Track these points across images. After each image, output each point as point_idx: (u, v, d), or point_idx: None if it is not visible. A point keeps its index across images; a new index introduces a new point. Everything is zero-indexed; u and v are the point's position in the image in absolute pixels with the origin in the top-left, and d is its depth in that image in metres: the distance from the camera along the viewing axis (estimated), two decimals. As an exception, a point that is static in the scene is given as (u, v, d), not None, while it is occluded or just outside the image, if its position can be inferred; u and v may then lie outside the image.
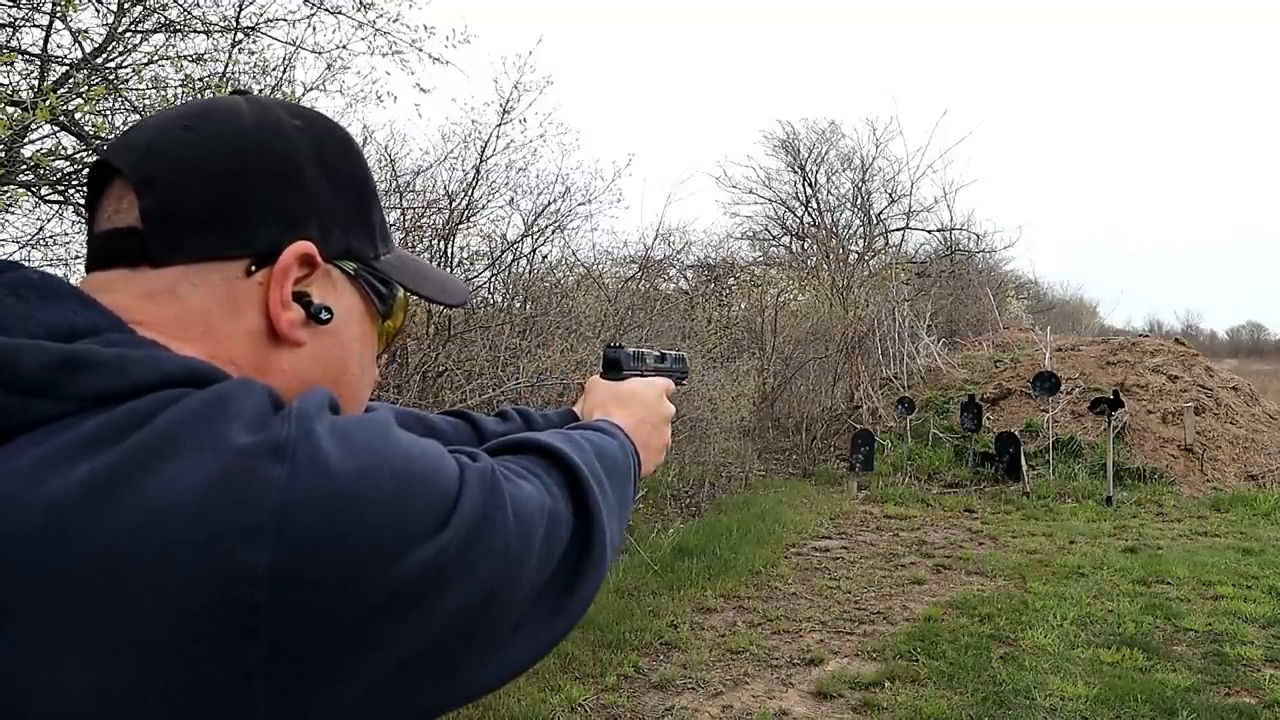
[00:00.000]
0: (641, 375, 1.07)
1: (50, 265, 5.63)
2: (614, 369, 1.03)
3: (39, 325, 0.56)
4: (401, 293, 0.73)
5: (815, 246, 19.32)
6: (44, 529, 0.48)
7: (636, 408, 1.00)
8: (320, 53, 6.07)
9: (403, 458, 0.56)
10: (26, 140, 4.71)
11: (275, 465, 0.51)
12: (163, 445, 0.50)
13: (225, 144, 0.64)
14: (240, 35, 5.48)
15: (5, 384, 0.51)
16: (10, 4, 4.64)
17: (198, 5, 5.22)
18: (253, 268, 0.63)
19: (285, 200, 0.64)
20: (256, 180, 0.63)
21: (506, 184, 8.41)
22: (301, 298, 0.64)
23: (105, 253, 0.63)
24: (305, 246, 0.64)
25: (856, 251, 20.14)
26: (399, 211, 7.61)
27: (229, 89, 5.39)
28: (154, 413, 0.52)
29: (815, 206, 21.56)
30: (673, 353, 1.14)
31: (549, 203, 8.68)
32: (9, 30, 4.67)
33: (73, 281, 0.62)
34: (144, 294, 0.61)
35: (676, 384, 1.15)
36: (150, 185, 0.62)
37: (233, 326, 0.62)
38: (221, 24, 5.38)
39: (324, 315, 0.65)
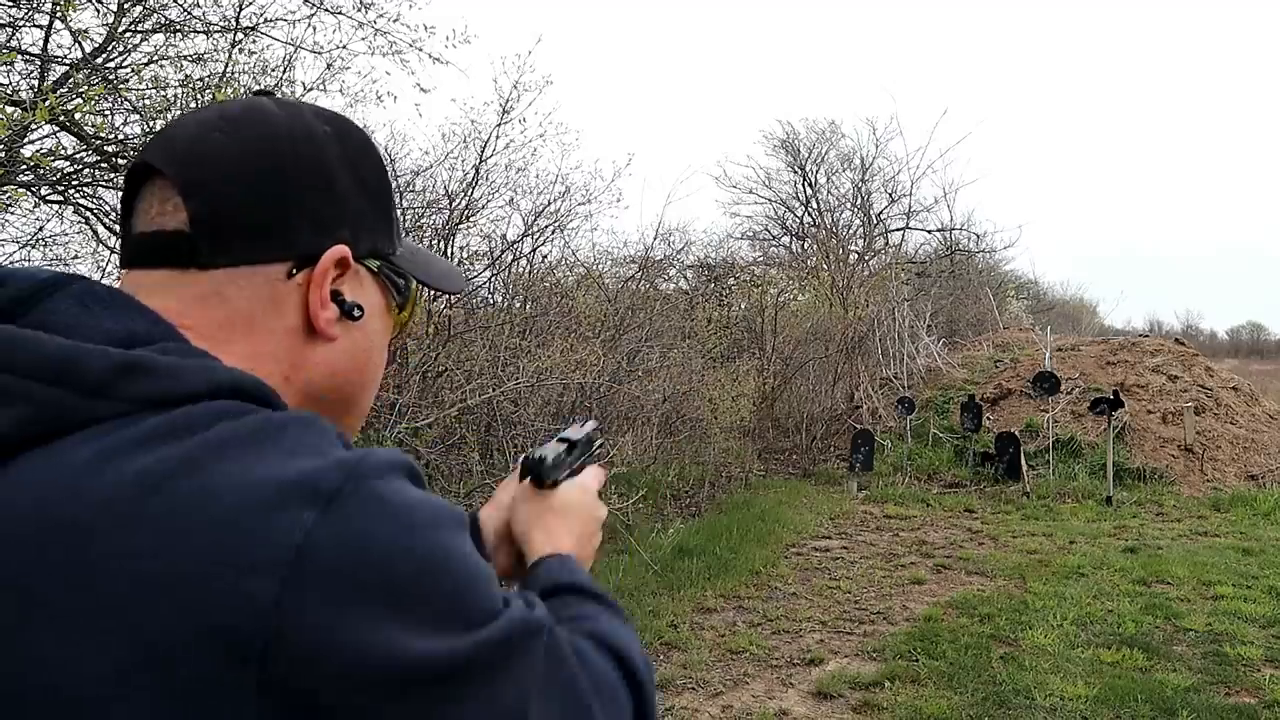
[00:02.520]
0: (570, 473, 0.96)
1: (50, 265, 5.63)
2: (542, 481, 0.90)
3: (103, 332, 0.60)
4: (414, 284, 0.77)
5: (815, 246, 19.32)
6: (95, 518, 0.52)
7: (576, 523, 0.88)
8: (320, 53, 6.08)
9: (442, 551, 0.57)
10: (26, 140, 4.70)
11: (309, 508, 0.53)
12: (209, 459, 0.54)
13: (264, 150, 0.67)
14: (240, 35, 5.48)
15: (71, 384, 0.55)
16: (10, 4, 4.63)
17: (198, 5, 5.22)
18: (294, 270, 0.67)
19: (321, 205, 0.68)
20: (294, 187, 0.67)
21: (506, 184, 8.41)
22: (335, 296, 0.69)
23: (151, 253, 0.66)
24: (342, 250, 0.69)
25: (856, 251, 20.14)
26: (399, 211, 7.60)
27: (229, 89, 5.40)
28: (209, 423, 0.56)
29: (815, 206, 21.57)
30: (585, 430, 1.01)
31: (549, 203, 8.69)
32: (9, 30, 4.67)
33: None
34: (195, 297, 0.65)
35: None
36: (197, 190, 0.65)
37: (274, 325, 0.67)
38: (221, 24, 5.38)
39: (356, 313, 0.70)
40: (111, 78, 4.96)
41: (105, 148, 5.02)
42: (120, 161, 5.04)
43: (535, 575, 0.80)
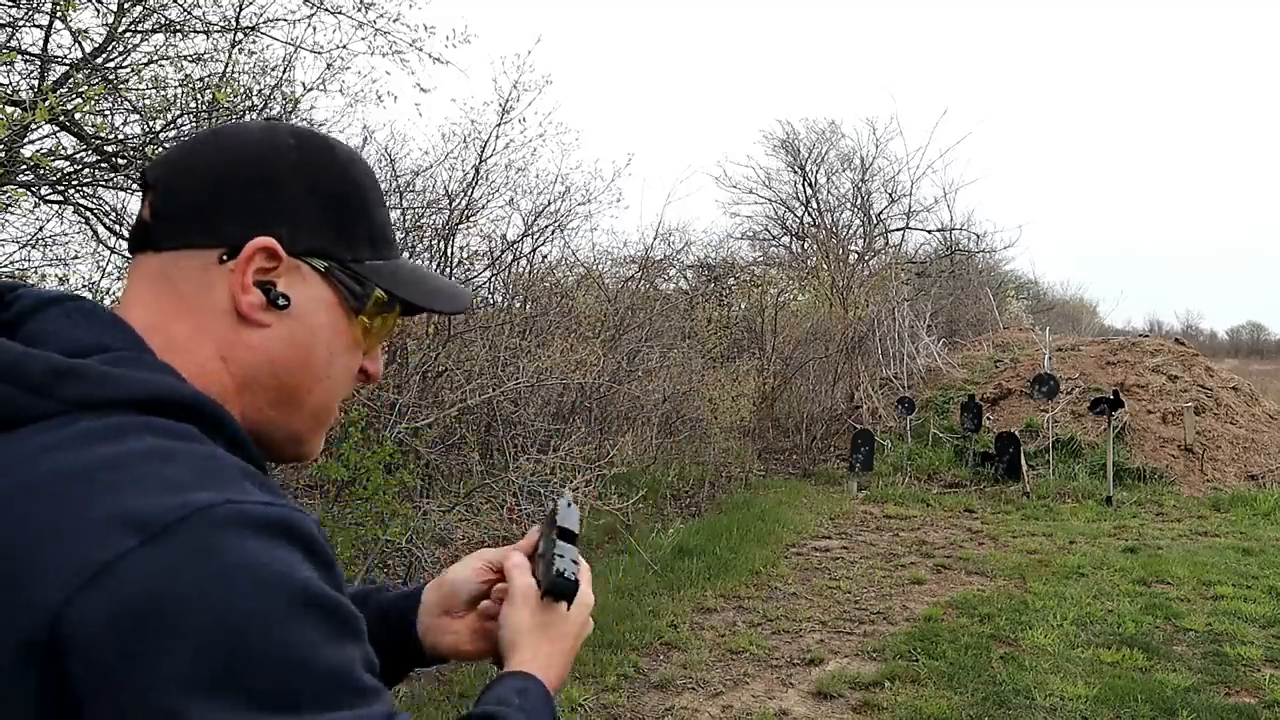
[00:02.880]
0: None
1: (49, 265, 5.63)
2: (570, 604, 0.92)
3: (74, 341, 0.68)
4: (374, 291, 0.80)
5: (815, 246, 19.32)
6: (8, 498, 0.59)
7: (568, 647, 0.91)
8: (320, 52, 6.07)
9: (259, 622, 0.56)
10: (26, 140, 4.70)
11: (131, 537, 0.56)
12: (81, 476, 0.59)
13: (224, 157, 0.76)
14: (240, 35, 5.47)
15: (16, 383, 0.64)
16: (10, 4, 4.63)
17: (198, 5, 5.22)
18: (224, 257, 0.74)
19: (257, 202, 0.75)
20: (235, 184, 0.75)
21: (506, 184, 8.41)
22: (265, 285, 0.74)
23: (133, 239, 0.77)
24: (266, 241, 0.74)
25: (856, 251, 20.14)
26: (399, 211, 7.61)
27: (229, 89, 5.40)
28: (117, 437, 0.62)
29: (815, 206, 21.56)
30: (573, 511, 0.98)
31: (549, 203, 8.69)
32: (9, 30, 4.67)
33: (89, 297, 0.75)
34: (151, 277, 0.74)
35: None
36: (161, 186, 0.76)
37: (209, 305, 0.73)
38: (221, 24, 5.38)
39: (281, 302, 0.75)
40: (111, 78, 4.96)
41: (105, 148, 5.02)
42: (120, 161, 5.04)
43: (493, 691, 0.83)
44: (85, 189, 5.31)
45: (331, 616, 0.60)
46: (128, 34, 5.19)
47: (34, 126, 4.40)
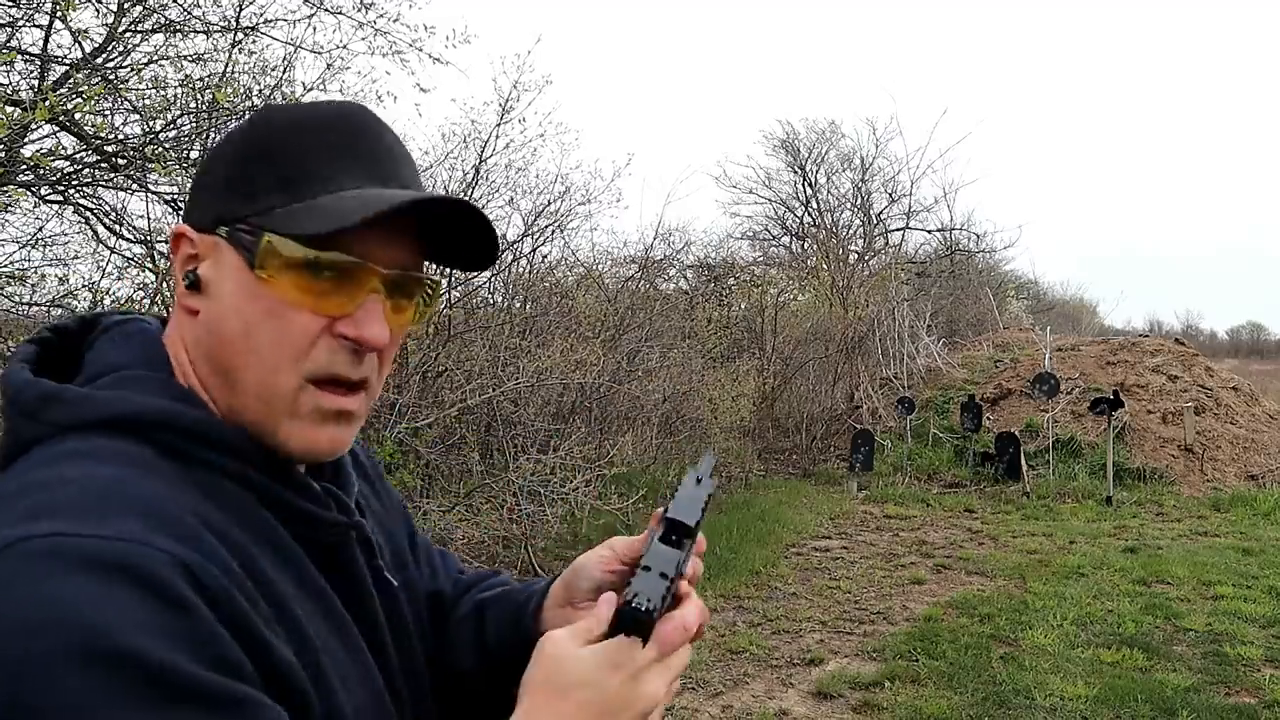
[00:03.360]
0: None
1: (49, 265, 5.63)
2: (646, 636, 0.71)
3: (105, 363, 0.72)
4: (264, 237, 0.69)
5: (815, 246, 19.32)
6: None
7: (597, 711, 0.67)
8: (320, 53, 6.08)
9: (14, 666, 0.50)
10: (26, 140, 4.70)
11: None
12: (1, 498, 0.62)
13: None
14: (240, 35, 5.48)
15: (15, 409, 0.68)
16: (10, 4, 4.63)
17: (198, 5, 5.22)
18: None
19: (196, 193, 0.75)
20: (191, 189, 0.77)
21: (506, 184, 8.41)
22: (190, 271, 0.72)
23: None
24: (177, 227, 0.73)
25: (856, 251, 20.14)
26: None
27: (229, 89, 5.40)
28: (59, 458, 0.64)
29: (815, 206, 21.56)
30: (683, 508, 0.80)
31: (549, 203, 8.69)
32: (9, 30, 4.67)
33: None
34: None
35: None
36: None
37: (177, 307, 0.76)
38: (221, 24, 5.38)
39: (188, 280, 0.72)
40: (111, 78, 4.96)
41: (105, 148, 5.02)
42: (120, 161, 5.04)
43: None
44: (85, 189, 5.31)
45: (136, 676, 0.51)
46: (128, 34, 5.19)
47: (34, 126, 4.40)
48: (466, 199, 0.75)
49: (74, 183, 5.11)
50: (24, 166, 4.48)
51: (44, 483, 0.61)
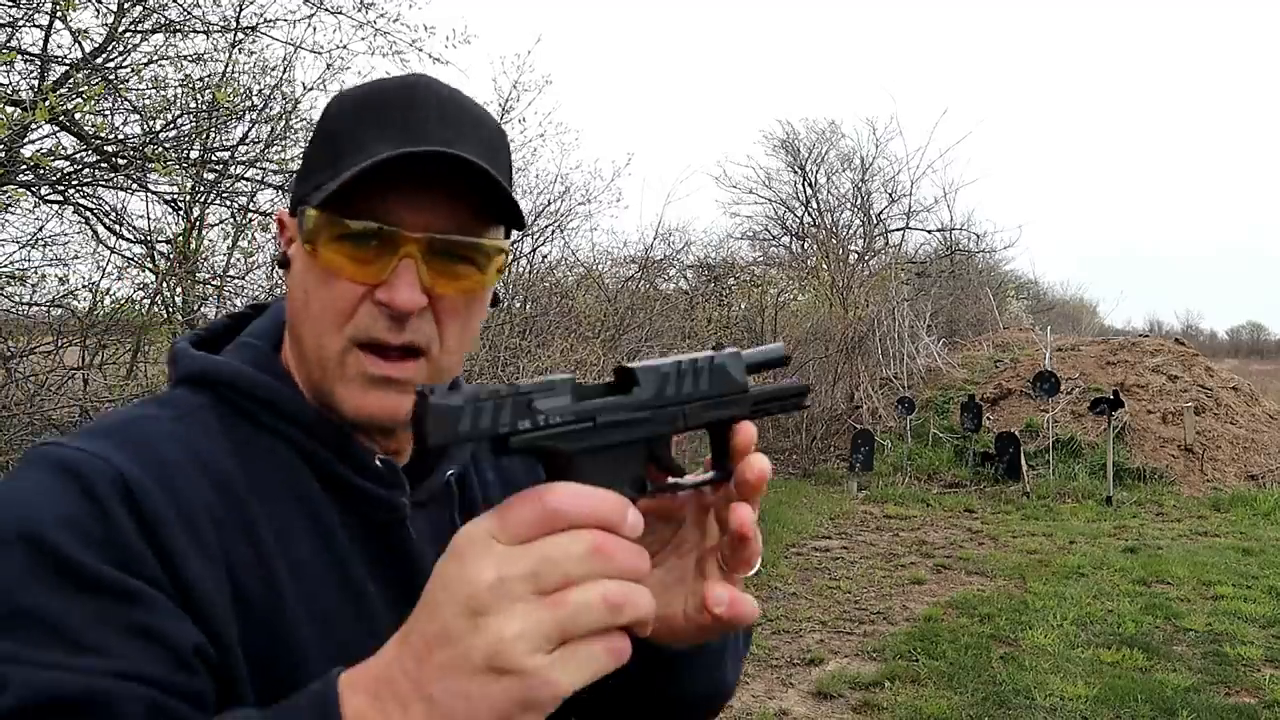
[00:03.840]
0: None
1: (49, 265, 5.63)
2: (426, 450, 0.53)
3: (243, 335, 0.83)
4: (309, 212, 0.74)
5: (815, 246, 19.32)
6: None
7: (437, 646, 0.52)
8: (320, 53, 6.08)
9: (15, 529, 0.62)
10: (26, 140, 4.70)
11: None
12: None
13: None
14: (240, 35, 5.48)
15: (174, 368, 0.81)
16: (10, 4, 4.63)
17: (198, 5, 5.22)
18: None
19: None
20: None
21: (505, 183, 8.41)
22: (282, 253, 0.80)
23: None
24: (276, 213, 0.82)
25: (856, 251, 20.13)
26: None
27: (228, 89, 5.40)
28: (142, 403, 0.77)
29: (815, 206, 21.55)
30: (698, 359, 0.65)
31: (549, 202, 8.70)
32: (9, 30, 4.67)
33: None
34: None
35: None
36: None
37: None
38: (221, 24, 5.38)
39: (279, 259, 0.80)
40: (111, 78, 4.96)
41: (105, 148, 5.02)
42: (120, 161, 5.04)
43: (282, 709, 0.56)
44: (85, 189, 5.31)
45: (53, 563, 0.60)
46: (128, 34, 5.19)
47: (34, 126, 4.40)
48: (455, 151, 0.71)
49: (74, 183, 5.11)
50: (24, 166, 4.48)
51: (110, 415, 0.76)
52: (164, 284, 6.03)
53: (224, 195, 6.35)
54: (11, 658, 0.57)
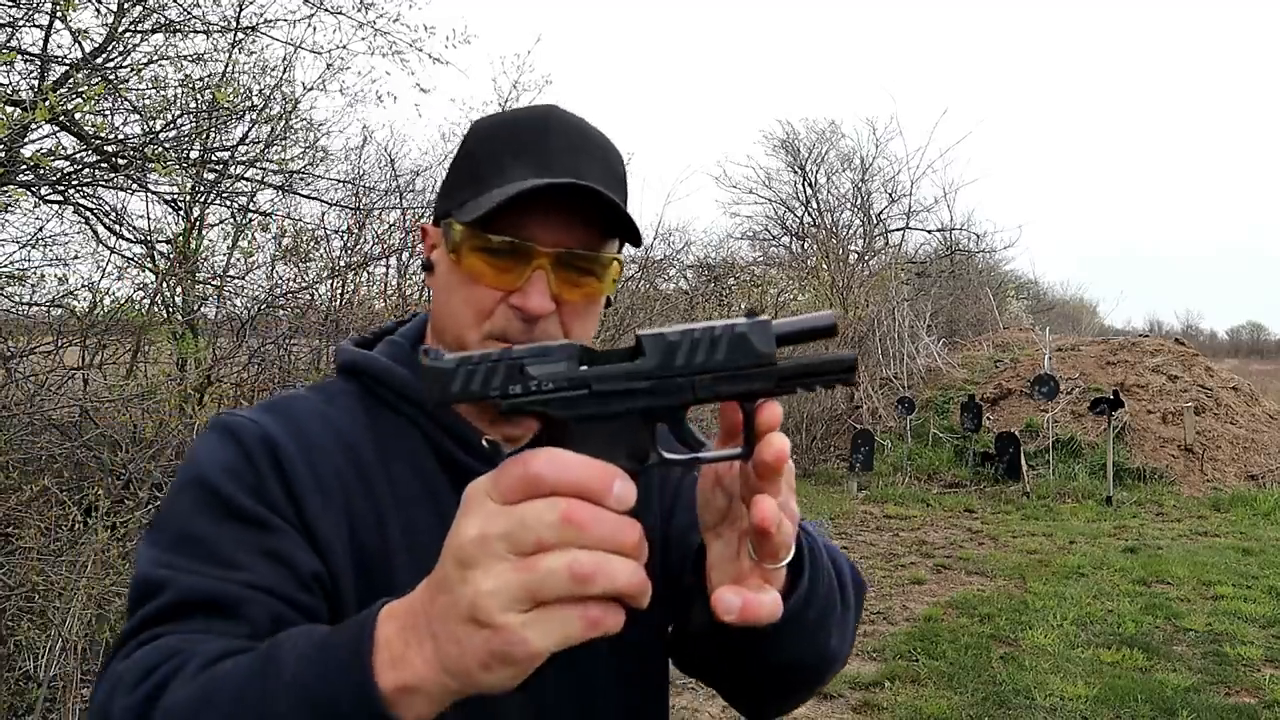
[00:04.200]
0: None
1: (49, 265, 5.63)
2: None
3: (397, 333, 0.99)
4: (455, 226, 0.88)
5: (815, 246, 19.32)
6: None
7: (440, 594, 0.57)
8: (320, 53, 6.08)
9: (178, 476, 0.84)
10: (26, 140, 4.70)
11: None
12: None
13: None
14: (240, 35, 5.47)
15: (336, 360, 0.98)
16: (10, 4, 4.63)
17: (198, 5, 5.22)
18: None
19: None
20: None
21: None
22: (427, 259, 0.94)
23: None
24: (421, 225, 0.98)
25: (856, 251, 20.13)
26: (399, 211, 7.61)
27: (229, 89, 5.39)
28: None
29: (815, 206, 21.56)
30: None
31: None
32: (9, 30, 4.67)
33: None
34: None
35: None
36: None
37: None
38: (221, 24, 5.38)
39: (424, 265, 0.95)
40: (111, 78, 4.96)
41: (105, 148, 5.02)
42: (120, 161, 5.04)
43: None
44: (85, 189, 5.30)
45: (211, 498, 0.79)
46: (128, 34, 5.19)
47: (34, 126, 4.40)
48: (581, 181, 0.84)
49: (74, 183, 5.11)
50: (24, 166, 4.48)
51: (274, 396, 0.93)
52: (164, 284, 6.03)
53: (224, 195, 6.35)
54: (174, 567, 0.75)
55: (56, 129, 4.84)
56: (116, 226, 5.73)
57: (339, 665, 0.58)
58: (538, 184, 0.82)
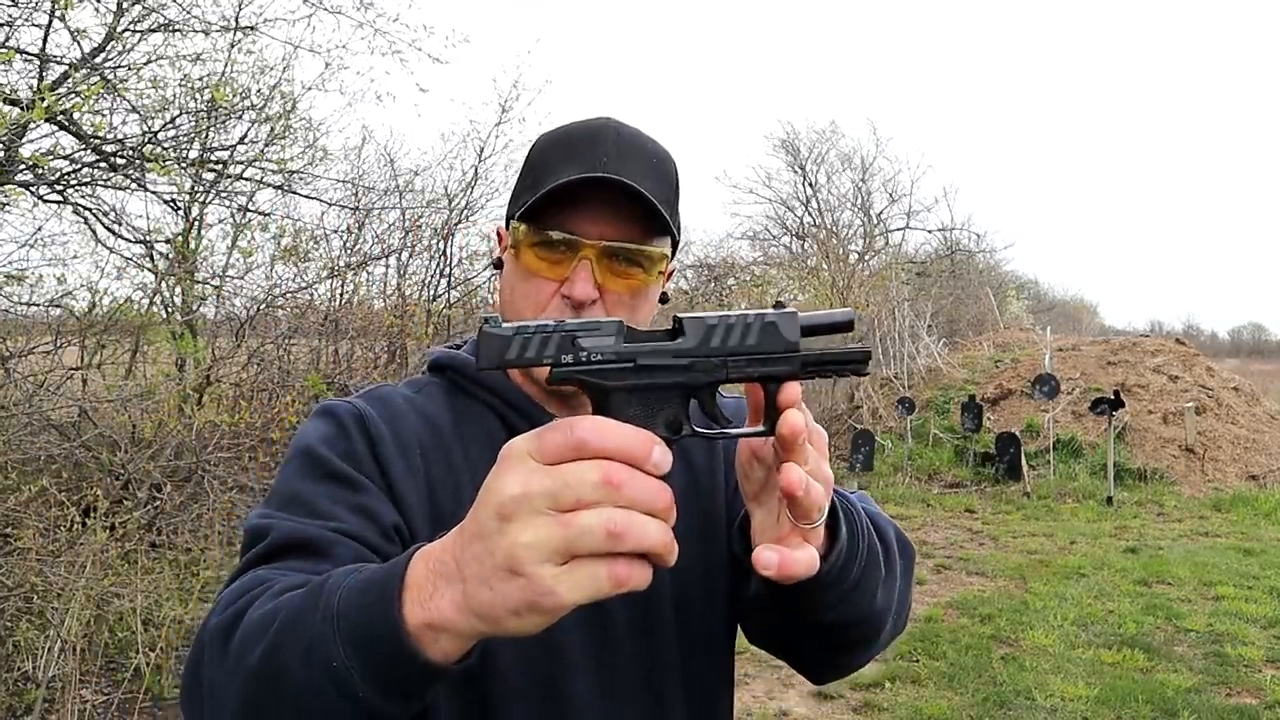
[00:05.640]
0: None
1: (48, 265, 5.63)
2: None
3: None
4: (515, 224, 0.98)
5: (815, 246, 19.31)
6: None
7: (473, 544, 0.60)
8: (319, 52, 6.07)
9: (296, 445, 0.96)
10: (25, 140, 4.70)
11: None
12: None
13: None
14: (239, 34, 5.46)
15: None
16: (9, 3, 4.62)
17: (197, 5, 5.21)
18: None
19: None
20: None
21: (505, 184, 8.41)
22: (499, 258, 1.05)
23: None
24: (497, 229, 1.07)
25: (856, 251, 20.13)
26: (399, 211, 7.60)
27: (227, 89, 5.38)
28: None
29: (815, 206, 21.56)
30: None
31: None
32: (7, 29, 4.66)
33: None
34: None
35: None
36: None
37: None
38: (221, 24, 5.37)
39: (496, 263, 1.06)
40: (110, 77, 4.95)
41: (104, 147, 5.02)
42: (119, 161, 5.03)
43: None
44: (84, 188, 5.30)
45: (311, 463, 0.91)
46: (126, 33, 5.18)
47: (32, 126, 4.39)
48: (619, 178, 0.92)
49: (73, 182, 5.10)
50: (23, 166, 4.47)
51: (370, 387, 1.04)
52: (163, 284, 6.02)
53: (223, 195, 6.34)
54: (276, 517, 0.86)
55: (55, 129, 4.83)
56: (115, 226, 5.72)
57: (373, 600, 0.63)
58: (573, 178, 0.92)
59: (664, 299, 1.07)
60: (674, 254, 1.05)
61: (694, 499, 1.04)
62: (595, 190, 0.93)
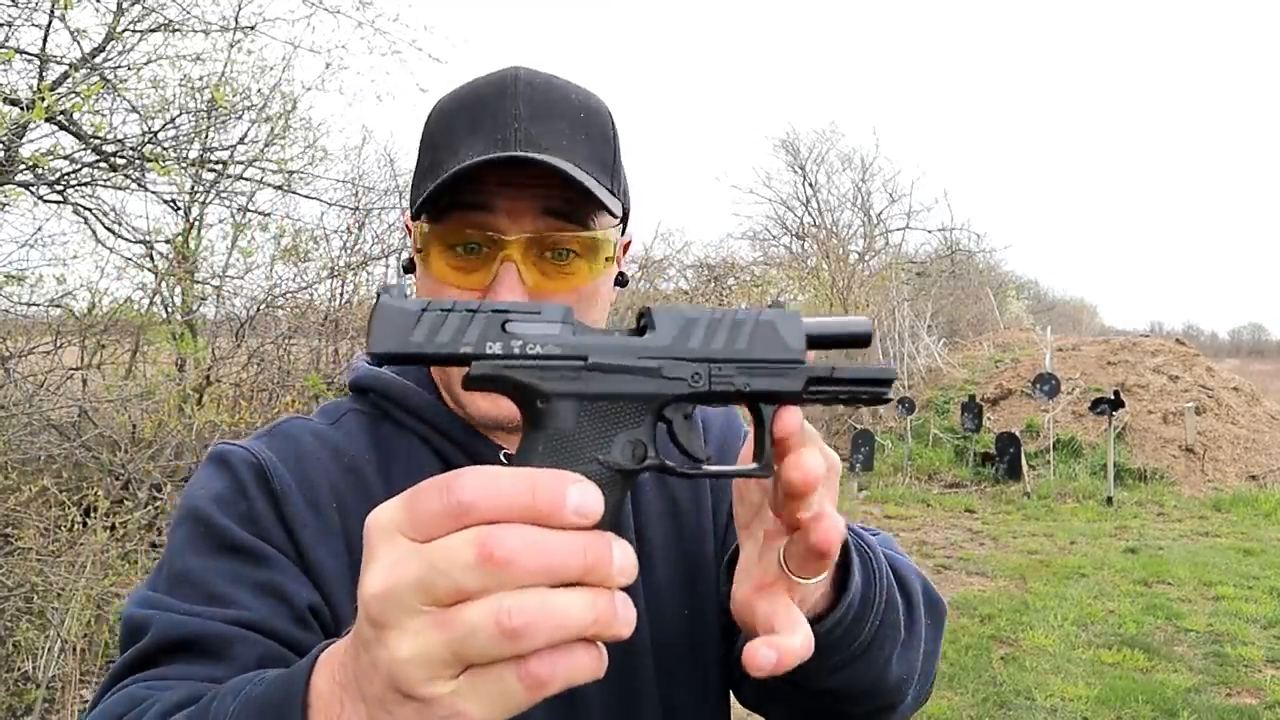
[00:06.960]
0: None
1: (48, 265, 5.62)
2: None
3: None
4: (419, 224, 0.79)
5: (815, 246, 19.31)
6: None
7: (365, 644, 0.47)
8: (318, 52, 6.07)
9: (185, 505, 0.79)
10: (25, 140, 4.69)
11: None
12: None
13: None
14: (239, 34, 5.46)
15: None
16: (9, 3, 4.62)
17: (196, 5, 5.21)
18: None
19: None
20: None
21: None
22: (409, 259, 0.84)
23: None
24: (405, 220, 0.84)
25: (856, 251, 20.13)
26: (399, 211, 7.59)
27: (227, 89, 5.38)
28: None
29: (815, 206, 21.54)
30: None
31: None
32: (7, 29, 4.66)
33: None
34: None
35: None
36: None
37: None
38: (220, 24, 5.37)
39: (408, 266, 0.84)
40: (110, 77, 4.95)
41: (104, 147, 5.02)
42: (119, 161, 5.03)
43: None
44: (84, 189, 5.29)
45: (203, 531, 0.75)
46: (126, 33, 5.18)
47: (32, 126, 4.39)
48: (529, 154, 0.71)
49: (72, 182, 5.10)
50: (23, 166, 4.47)
51: (277, 421, 0.86)
52: (163, 284, 6.02)
53: (223, 195, 6.34)
54: (160, 606, 0.70)
55: (55, 129, 4.83)
56: (115, 226, 5.72)
57: None
58: (478, 160, 0.71)
59: (621, 281, 0.84)
60: (625, 225, 0.83)
61: (676, 542, 0.86)
62: (505, 173, 0.72)
